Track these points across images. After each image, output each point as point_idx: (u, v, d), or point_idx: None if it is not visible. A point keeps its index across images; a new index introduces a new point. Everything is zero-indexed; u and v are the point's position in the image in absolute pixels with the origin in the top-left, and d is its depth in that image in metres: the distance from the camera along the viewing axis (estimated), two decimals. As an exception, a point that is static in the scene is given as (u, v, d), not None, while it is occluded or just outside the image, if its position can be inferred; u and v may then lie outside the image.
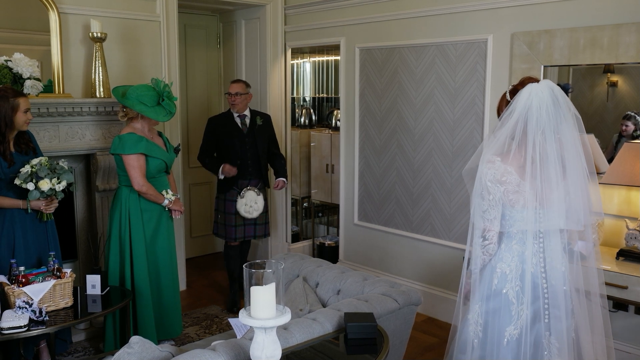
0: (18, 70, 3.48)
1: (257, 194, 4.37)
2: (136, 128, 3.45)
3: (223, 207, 4.42)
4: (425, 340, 3.81)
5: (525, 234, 2.16)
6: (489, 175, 2.13)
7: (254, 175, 4.41)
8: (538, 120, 2.09)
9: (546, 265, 2.15)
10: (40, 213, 3.23)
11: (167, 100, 3.40)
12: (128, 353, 1.93)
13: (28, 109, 3.14)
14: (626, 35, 3.12)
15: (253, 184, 4.40)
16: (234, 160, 4.32)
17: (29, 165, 3.08)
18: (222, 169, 4.31)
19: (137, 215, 3.46)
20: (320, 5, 4.82)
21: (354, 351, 2.16)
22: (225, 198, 4.41)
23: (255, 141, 4.39)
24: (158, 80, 3.42)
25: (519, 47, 3.59)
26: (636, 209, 3.18)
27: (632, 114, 3.31)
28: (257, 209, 4.38)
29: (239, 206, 4.33)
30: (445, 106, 4.06)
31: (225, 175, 4.33)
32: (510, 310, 2.15)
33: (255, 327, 1.77)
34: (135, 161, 3.36)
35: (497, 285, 2.18)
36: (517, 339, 2.14)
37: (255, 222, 4.46)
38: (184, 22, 5.29)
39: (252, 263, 1.80)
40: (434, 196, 4.19)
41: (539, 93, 2.11)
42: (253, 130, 4.40)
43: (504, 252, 2.20)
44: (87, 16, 3.94)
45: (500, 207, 2.14)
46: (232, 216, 4.39)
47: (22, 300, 2.88)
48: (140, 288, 3.48)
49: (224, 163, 4.33)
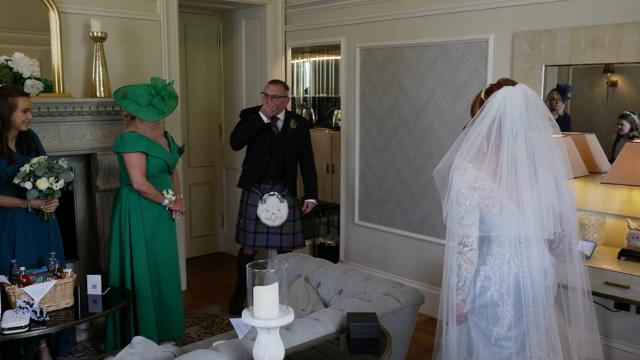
0: (18, 69, 3.48)
1: (280, 201, 4.08)
2: (138, 127, 3.45)
3: (245, 211, 4.19)
4: (426, 340, 3.80)
5: (505, 236, 2.18)
6: (462, 182, 2.14)
7: (276, 180, 4.12)
8: (512, 125, 2.10)
9: (529, 264, 2.17)
10: (41, 212, 3.22)
11: (159, 100, 3.36)
12: (130, 353, 1.92)
13: (27, 109, 3.12)
14: (628, 34, 3.12)
15: (277, 189, 4.12)
16: (259, 159, 4.08)
17: (28, 164, 3.08)
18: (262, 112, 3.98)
19: (137, 214, 3.45)
20: (320, 4, 4.81)
21: (356, 351, 2.15)
22: (247, 202, 4.18)
23: (284, 145, 4.09)
24: (157, 78, 3.41)
25: (520, 46, 3.59)
26: (637, 208, 3.18)
27: (629, 113, 3.31)
28: (280, 217, 4.07)
29: (260, 212, 4.06)
30: (446, 106, 4.05)
31: (267, 113, 3.96)
32: (497, 311, 2.19)
33: (259, 327, 1.76)
34: (136, 160, 3.36)
35: (481, 288, 2.21)
36: (504, 337, 2.19)
37: (282, 232, 4.16)
38: (184, 22, 5.29)
39: (254, 263, 1.79)
40: (435, 196, 4.19)
41: (513, 98, 2.11)
42: (284, 133, 4.10)
43: (486, 255, 2.22)
44: (88, 16, 3.94)
45: (477, 212, 2.15)
46: (252, 222, 4.13)
47: (22, 301, 2.87)
48: (140, 288, 3.47)
49: (249, 160, 4.11)
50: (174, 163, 3.61)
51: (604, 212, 3.33)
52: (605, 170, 3.27)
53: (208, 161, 5.78)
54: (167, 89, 3.41)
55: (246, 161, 4.20)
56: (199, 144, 5.68)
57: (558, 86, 3.57)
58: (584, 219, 3.26)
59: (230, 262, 5.64)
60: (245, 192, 4.21)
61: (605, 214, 3.32)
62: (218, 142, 5.83)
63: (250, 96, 5.40)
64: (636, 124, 3.30)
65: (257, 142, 4.08)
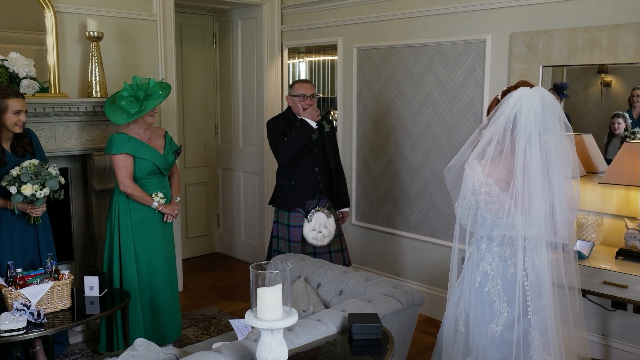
0: (14, 69, 3.45)
1: (327, 216, 3.58)
2: (130, 128, 3.44)
3: (286, 234, 3.61)
4: (425, 341, 3.80)
5: (505, 237, 2.22)
6: (469, 183, 2.19)
7: (324, 193, 3.63)
8: (526, 126, 2.11)
9: (528, 263, 2.20)
10: (27, 215, 3.20)
11: (130, 101, 3.30)
12: (132, 355, 1.91)
13: (19, 110, 3.08)
14: (625, 35, 3.13)
15: (322, 204, 3.64)
16: (308, 172, 3.58)
17: (19, 167, 3.06)
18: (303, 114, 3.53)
19: (125, 215, 3.42)
20: (317, 4, 4.80)
21: (359, 352, 2.15)
22: (288, 223, 3.61)
23: (325, 151, 3.66)
24: (136, 77, 3.37)
25: (518, 47, 3.59)
26: (635, 208, 3.19)
27: (622, 112, 3.33)
28: (328, 235, 3.58)
29: (306, 232, 3.54)
30: (444, 106, 4.06)
31: (314, 117, 3.52)
32: (493, 308, 2.24)
33: (262, 329, 1.75)
34: (122, 161, 3.34)
35: (480, 283, 2.27)
36: (499, 335, 2.23)
37: (330, 250, 3.66)
38: (180, 22, 5.26)
39: (258, 264, 1.78)
40: (432, 196, 4.20)
41: (530, 99, 2.12)
42: (322, 138, 3.65)
43: (485, 252, 2.28)
44: (84, 15, 3.91)
45: (475, 211, 2.22)
46: (298, 245, 3.59)
47: (19, 303, 2.85)
48: (128, 290, 3.43)
49: (295, 175, 3.58)
50: (166, 165, 3.53)
51: (601, 212, 3.34)
52: (603, 170, 3.28)
53: (204, 161, 5.76)
54: (145, 87, 3.34)
55: (291, 176, 3.60)
56: (195, 144, 5.66)
57: (555, 85, 3.58)
58: (581, 219, 3.27)
59: (226, 262, 5.63)
60: (283, 212, 3.65)
61: (602, 214, 3.33)
62: (214, 142, 5.81)
63: (247, 96, 5.39)
64: (628, 124, 3.32)
65: (302, 159, 3.58)
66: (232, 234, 5.77)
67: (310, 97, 3.58)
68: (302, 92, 3.58)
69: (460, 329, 2.32)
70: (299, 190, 3.58)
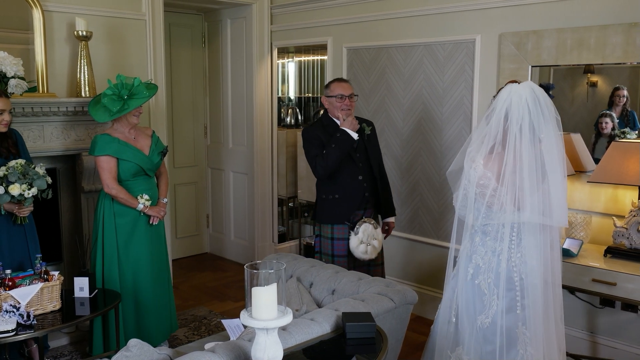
0: (2, 68, 3.40)
1: (374, 227, 3.31)
2: (115, 129, 3.40)
3: (330, 249, 3.34)
4: (416, 339, 3.82)
5: (499, 231, 2.29)
6: (471, 176, 2.27)
7: (371, 202, 3.37)
8: (517, 117, 2.20)
9: (519, 259, 2.27)
10: (15, 215, 3.17)
11: (112, 100, 3.26)
12: (126, 356, 1.90)
13: (4, 110, 3.05)
14: (613, 36, 3.17)
15: (368, 214, 3.38)
16: (353, 182, 3.31)
17: (5, 167, 3.02)
18: (343, 124, 3.24)
19: (110, 217, 3.38)
20: (306, 4, 4.81)
21: (353, 351, 2.15)
22: (332, 236, 3.34)
23: (368, 157, 3.38)
24: (120, 75, 3.33)
25: (507, 47, 3.62)
26: (623, 206, 3.23)
27: (608, 112, 3.38)
28: (375, 247, 3.31)
29: (354, 246, 3.25)
30: (434, 106, 4.08)
31: (354, 127, 3.23)
32: (483, 300, 2.31)
33: (257, 328, 1.75)
34: (105, 163, 3.31)
35: (472, 275, 2.34)
36: (488, 327, 2.29)
37: (369, 263, 3.38)
38: (169, 21, 5.24)
39: (252, 263, 1.78)
40: (422, 196, 4.21)
41: (519, 91, 2.22)
42: (363, 143, 3.36)
43: (478, 246, 2.35)
44: (72, 14, 3.88)
45: (472, 202, 2.29)
46: (344, 260, 3.31)
47: (9, 304, 2.82)
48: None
49: (338, 187, 3.31)
50: (152, 166, 3.46)
51: (590, 210, 3.38)
52: (591, 169, 3.32)
53: (193, 161, 5.74)
54: (129, 87, 3.30)
55: (333, 188, 3.32)
56: (184, 144, 5.63)
57: (541, 85, 3.61)
58: (570, 218, 3.31)
59: (216, 262, 5.61)
60: (326, 224, 3.37)
61: (591, 213, 3.37)
62: (203, 142, 5.79)
63: (236, 96, 5.38)
64: (615, 123, 3.37)
65: (344, 167, 3.31)
66: (221, 234, 5.75)
67: (349, 98, 3.29)
68: (340, 92, 3.29)
69: (452, 319, 2.40)
70: (344, 204, 3.30)
